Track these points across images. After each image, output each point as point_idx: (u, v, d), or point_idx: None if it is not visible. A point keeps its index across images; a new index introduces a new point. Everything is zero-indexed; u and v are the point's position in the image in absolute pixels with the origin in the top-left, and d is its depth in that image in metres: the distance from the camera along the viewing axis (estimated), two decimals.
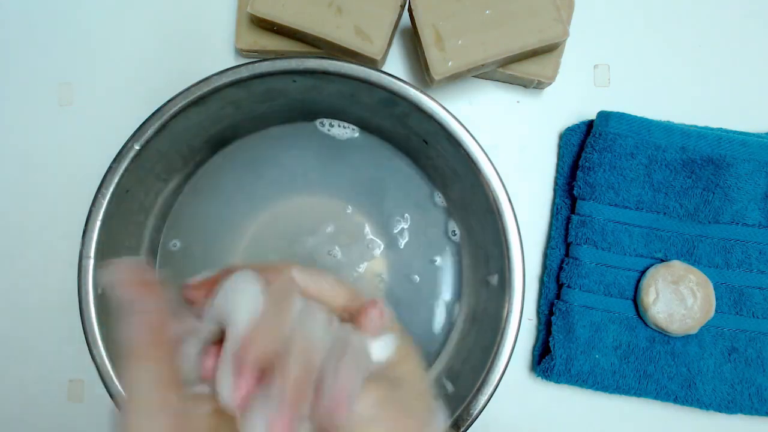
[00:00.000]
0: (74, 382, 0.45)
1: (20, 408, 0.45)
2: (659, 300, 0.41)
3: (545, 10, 0.40)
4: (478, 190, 0.38)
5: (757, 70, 0.46)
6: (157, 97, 0.36)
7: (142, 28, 0.47)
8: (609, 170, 0.42)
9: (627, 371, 0.42)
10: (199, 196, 0.43)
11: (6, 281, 0.46)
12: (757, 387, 0.42)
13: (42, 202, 0.46)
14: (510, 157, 0.45)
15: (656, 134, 0.42)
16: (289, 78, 0.37)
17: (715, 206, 0.42)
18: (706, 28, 0.47)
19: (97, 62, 0.47)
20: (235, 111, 0.40)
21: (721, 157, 0.42)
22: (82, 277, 0.36)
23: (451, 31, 0.40)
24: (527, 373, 0.44)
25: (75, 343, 0.44)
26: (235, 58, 0.46)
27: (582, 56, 0.46)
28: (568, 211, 0.44)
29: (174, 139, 0.39)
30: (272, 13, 0.40)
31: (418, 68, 0.46)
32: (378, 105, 0.39)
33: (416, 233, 0.43)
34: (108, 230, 0.36)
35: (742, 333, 0.42)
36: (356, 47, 0.40)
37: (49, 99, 0.47)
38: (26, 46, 0.47)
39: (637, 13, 0.47)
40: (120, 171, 0.36)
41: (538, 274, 0.45)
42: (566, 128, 0.45)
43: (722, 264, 0.43)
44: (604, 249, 0.43)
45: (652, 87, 0.46)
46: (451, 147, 0.38)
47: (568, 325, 0.42)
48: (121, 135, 0.36)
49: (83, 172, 0.45)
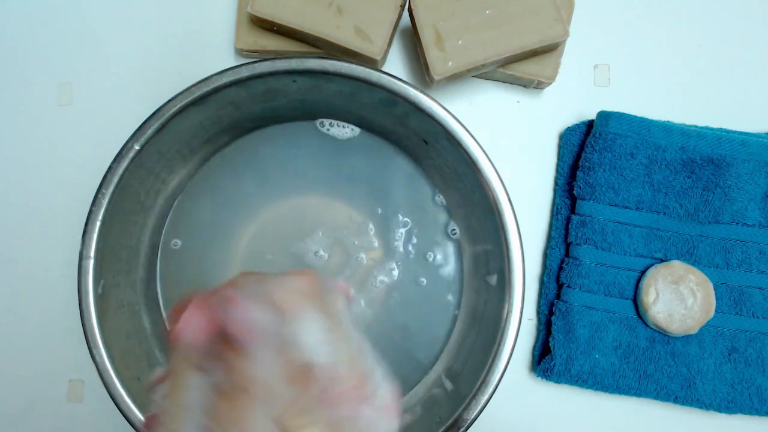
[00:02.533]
0: (74, 382, 0.45)
1: (20, 408, 0.45)
2: (659, 300, 0.41)
3: (545, 10, 0.40)
4: (478, 190, 0.38)
5: (757, 70, 0.46)
6: (157, 97, 0.36)
7: (142, 28, 0.47)
8: (609, 170, 0.42)
9: (627, 371, 0.42)
10: (199, 196, 0.43)
11: (6, 281, 0.46)
12: (757, 387, 0.42)
13: (42, 202, 0.46)
14: (510, 157, 0.45)
15: (656, 134, 0.42)
16: (289, 78, 0.37)
17: (715, 206, 0.42)
18: (706, 28, 0.47)
19: (97, 62, 0.47)
20: (235, 111, 0.40)
21: (721, 157, 0.42)
22: (82, 277, 0.36)
23: (451, 31, 0.40)
24: (527, 373, 0.44)
25: (75, 343, 0.44)
26: (235, 58, 0.46)
27: (582, 56, 0.46)
28: (568, 211, 0.44)
29: (174, 139, 0.39)
30: (272, 13, 0.40)
31: (418, 68, 0.46)
32: (378, 105, 0.39)
33: (416, 233, 0.43)
34: (108, 230, 0.36)
35: (742, 333, 0.42)
36: (356, 47, 0.40)
37: (48, 99, 0.47)
38: (26, 46, 0.47)
39: (637, 13, 0.47)
40: (120, 171, 0.36)
41: (538, 274, 0.45)
42: (566, 128, 0.45)
43: (722, 264, 0.43)
44: (604, 249, 0.43)
45: (652, 87, 0.46)
46: (451, 147, 0.38)
47: (568, 325, 0.42)
48: (121, 135, 0.36)
49: (83, 172, 0.45)
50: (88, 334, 0.35)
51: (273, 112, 0.42)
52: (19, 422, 0.45)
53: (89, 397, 0.45)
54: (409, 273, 0.43)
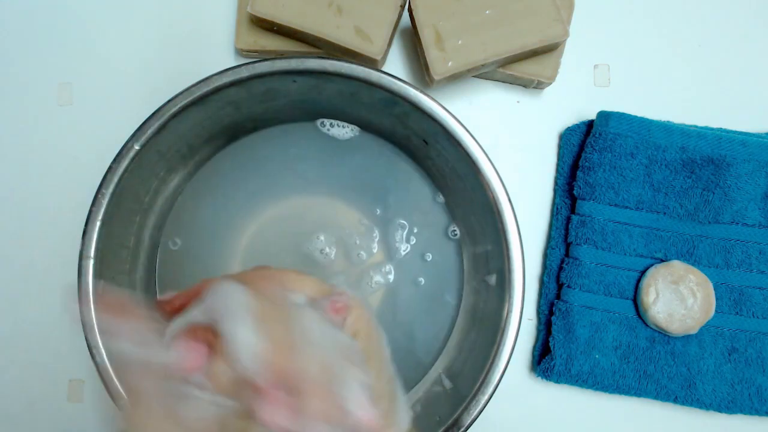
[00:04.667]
0: (74, 382, 0.45)
1: (20, 408, 0.45)
2: (659, 300, 0.41)
3: (545, 10, 0.40)
4: (478, 190, 0.38)
5: (757, 70, 0.46)
6: (157, 97, 0.36)
7: (142, 28, 0.47)
8: (609, 170, 0.42)
9: (627, 371, 0.42)
10: (199, 196, 0.43)
11: (6, 281, 0.46)
12: (757, 387, 0.42)
13: (42, 202, 0.46)
14: (510, 157, 0.45)
15: (656, 134, 0.42)
16: (289, 78, 0.37)
17: (715, 206, 0.42)
18: (706, 28, 0.47)
19: (97, 62, 0.47)
20: (235, 111, 0.40)
21: (721, 157, 0.42)
22: (82, 277, 0.36)
23: (451, 31, 0.40)
24: (527, 373, 0.44)
25: (75, 343, 0.44)
26: (235, 58, 0.46)
27: (582, 56, 0.46)
28: (568, 211, 0.44)
29: (174, 139, 0.39)
30: (272, 13, 0.40)
31: (418, 68, 0.46)
32: (378, 105, 0.39)
33: (416, 233, 0.43)
34: (108, 230, 0.36)
35: (742, 333, 0.42)
36: (356, 47, 0.40)
37: (48, 99, 0.47)
38: (26, 46, 0.47)
39: (637, 13, 0.47)
40: (120, 171, 0.36)
41: (538, 274, 0.45)
42: (566, 128, 0.45)
43: (722, 264, 0.43)
44: (604, 249, 0.43)
45: (652, 87, 0.46)
46: (451, 147, 0.38)
47: (568, 325, 0.42)
48: (121, 135, 0.36)
49: (83, 172, 0.45)
50: (88, 334, 0.35)
51: (273, 113, 0.42)
52: (19, 422, 0.45)
53: (89, 397, 0.45)
54: (409, 273, 0.43)
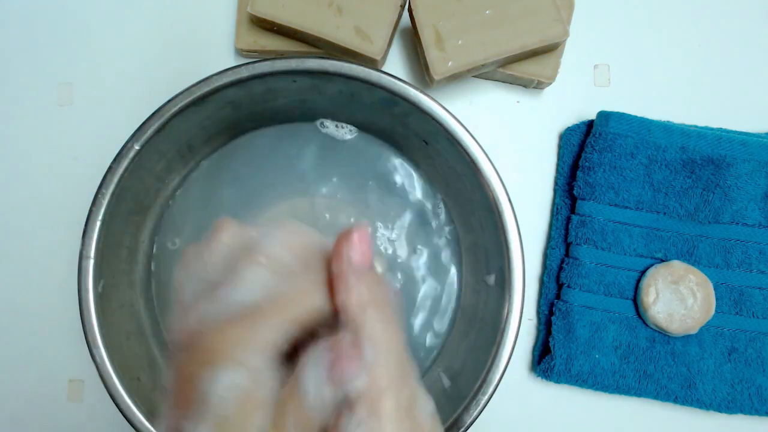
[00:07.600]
0: (74, 382, 0.45)
1: (20, 408, 0.45)
2: (659, 300, 0.41)
3: (545, 10, 0.40)
4: (478, 190, 0.38)
5: (757, 70, 0.46)
6: (157, 97, 0.36)
7: (142, 28, 0.47)
8: (609, 170, 0.42)
9: (627, 371, 0.42)
10: (199, 196, 0.43)
11: (6, 281, 0.46)
12: (757, 387, 0.42)
13: (42, 202, 0.46)
14: (510, 157, 0.45)
15: (656, 134, 0.42)
16: (289, 78, 0.37)
17: (715, 206, 0.42)
18: (706, 28, 0.47)
19: (97, 62, 0.47)
20: (234, 111, 0.40)
21: (721, 157, 0.42)
22: (82, 277, 0.36)
23: (451, 31, 0.40)
24: (527, 373, 0.44)
25: (75, 343, 0.44)
26: (235, 58, 0.46)
27: (582, 56, 0.46)
28: (568, 211, 0.44)
29: (174, 139, 0.39)
30: (272, 13, 0.40)
31: (418, 68, 0.46)
32: (378, 105, 0.39)
33: (416, 233, 0.43)
34: (108, 230, 0.36)
35: (742, 333, 0.42)
36: (356, 47, 0.40)
37: (49, 99, 0.47)
38: (26, 46, 0.47)
39: (637, 13, 0.47)
40: (120, 171, 0.36)
41: (538, 274, 0.45)
42: (566, 128, 0.45)
43: (722, 264, 0.43)
44: (604, 249, 0.43)
45: (652, 87, 0.46)
46: (451, 147, 0.38)
47: (568, 325, 0.42)
48: (121, 135, 0.36)
49: (83, 172, 0.45)
50: (88, 334, 0.35)
51: (273, 113, 0.42)
52: (19, 422, 0.45)
53: (89, 397, 0.45)
54: (409, 273, 0.43)
